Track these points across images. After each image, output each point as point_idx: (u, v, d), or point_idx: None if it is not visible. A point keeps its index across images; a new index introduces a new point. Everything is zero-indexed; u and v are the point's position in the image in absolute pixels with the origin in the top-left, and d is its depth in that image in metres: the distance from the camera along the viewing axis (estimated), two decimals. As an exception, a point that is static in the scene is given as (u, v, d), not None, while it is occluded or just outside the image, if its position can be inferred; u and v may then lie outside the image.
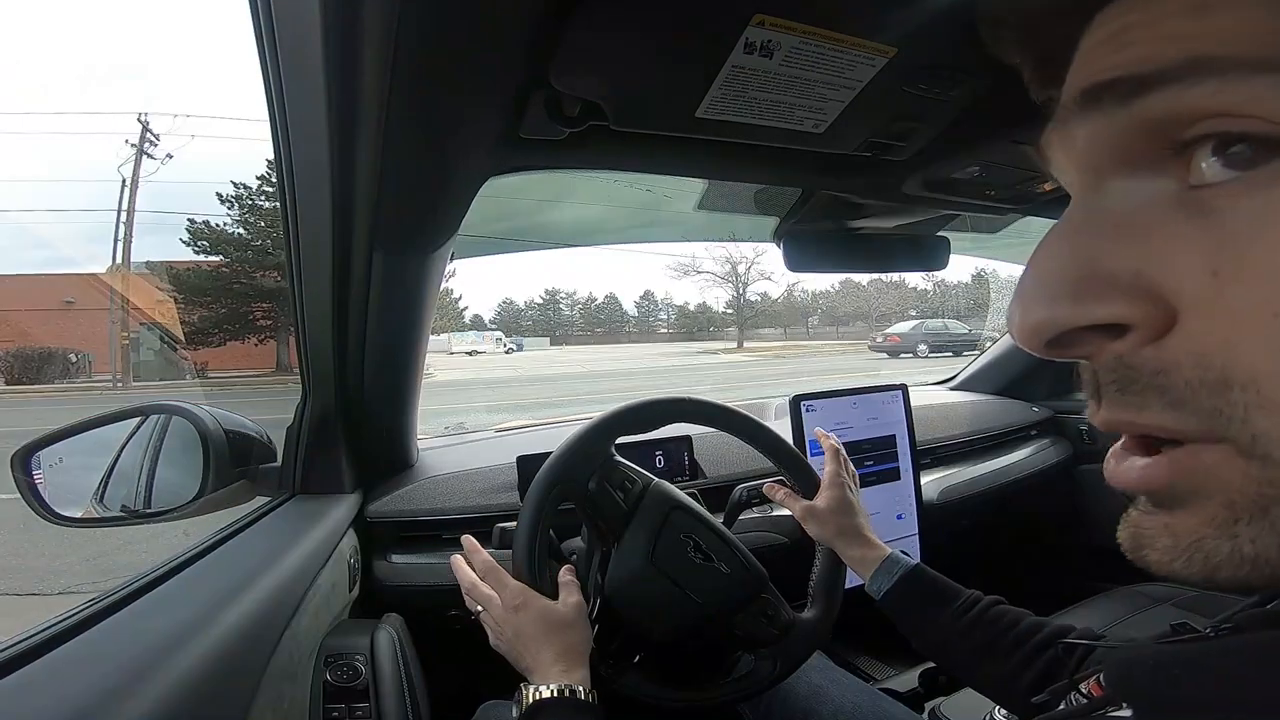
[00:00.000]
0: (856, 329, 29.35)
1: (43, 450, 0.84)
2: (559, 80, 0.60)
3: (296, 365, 0.98)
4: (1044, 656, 0.71)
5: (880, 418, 1.37)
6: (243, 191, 19.75)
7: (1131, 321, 0.25)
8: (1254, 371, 0.22)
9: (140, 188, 18.83)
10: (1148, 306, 0.25)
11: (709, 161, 0.84)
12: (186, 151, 24.58)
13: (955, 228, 1.19)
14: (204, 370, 19.35)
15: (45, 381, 16.46)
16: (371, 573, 1.08)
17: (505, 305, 36.61)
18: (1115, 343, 0.26)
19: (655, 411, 0.91)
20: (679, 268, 25.62)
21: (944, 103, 0.69)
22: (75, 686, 0.43)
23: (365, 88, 0.55)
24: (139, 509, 0.92)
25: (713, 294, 36.98)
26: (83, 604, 0.56)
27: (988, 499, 1.49)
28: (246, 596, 0.64)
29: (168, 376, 17.44)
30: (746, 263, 25.81)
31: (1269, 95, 0.21)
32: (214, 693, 0.51)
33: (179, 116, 35.68)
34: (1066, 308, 0.26)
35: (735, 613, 0.85)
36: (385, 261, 0.83)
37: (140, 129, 19.30)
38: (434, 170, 0.70)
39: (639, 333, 33.36)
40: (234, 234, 19.70)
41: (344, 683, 0.78)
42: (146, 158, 19.24)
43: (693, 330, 32.76)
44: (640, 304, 35.08)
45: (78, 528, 0.89)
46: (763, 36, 0.56)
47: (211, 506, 0.91)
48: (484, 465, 1.21)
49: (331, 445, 1.04)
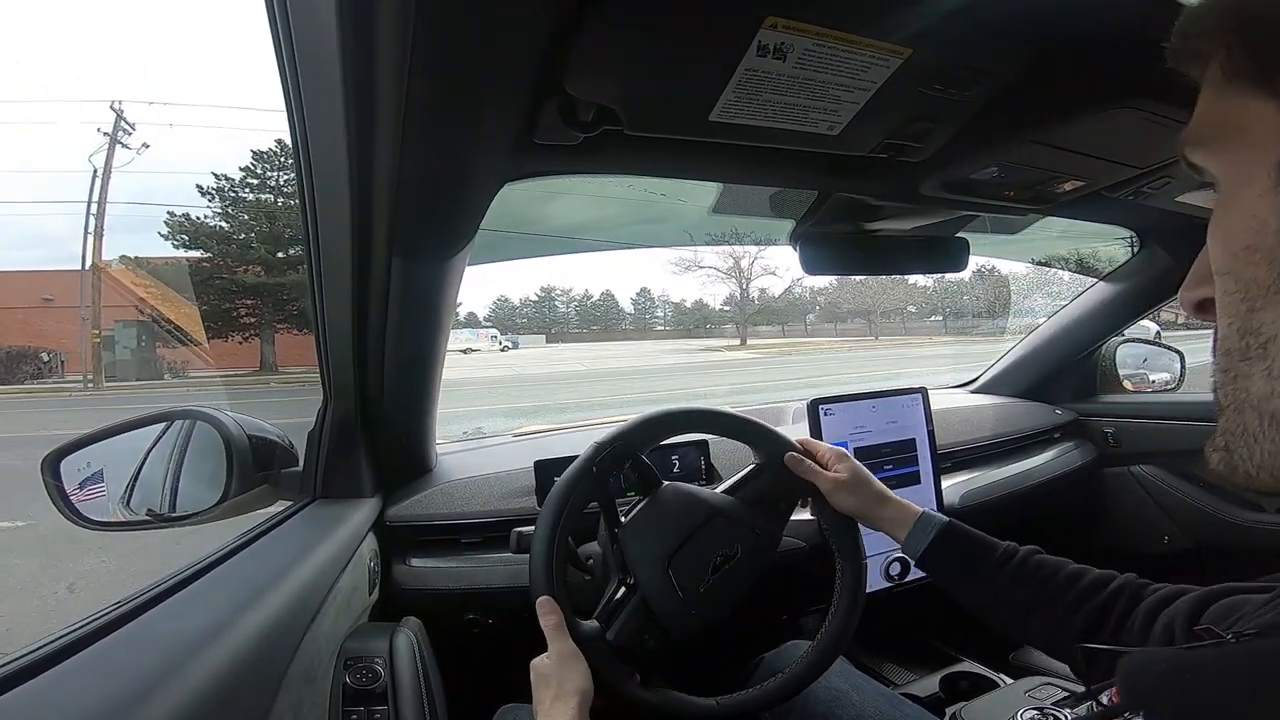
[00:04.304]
0: (855, 326, 28.94)
1: (71, 455, 0.86)
2: (573, 86, 0.61)
3: (281, 364, 0.98)
4: (1090, 603, 0.70)
5: (900, 421, 1.35)
6: (224, 183, 18.98)
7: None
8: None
9: (117, 179, 17.71)
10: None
11: (723, 165, 0.84)
12: (166, 141, 23.97)
13: (974, 229, 1.18)
14: (184, 369, 17.78)
15: (15, 382, 15.75)
16: (391, 576, 1.09)
17: (500, 303, 36.32)
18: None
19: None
20: (680, 263, 25.30)
21: (960, 103, 0.69)
22: (99, 690, 0.43)
23: (382, 96, 0.55)
24: (164, 513, 0.94)
25: (710, 291, 36.68)
26: (107, 607, 0.57)
27: (1010, 503, 1.46)
28: (268, 600, 0.65)
29: (145, 376, 16.72)
30: (750, 257, 25.48)
31: None
32: (235, 697, 0.52)
33: (156, 104, 33.90)
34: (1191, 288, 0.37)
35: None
36: (404, 267, 0.83)
37: (115, 117, 18.02)
38: (450, 177, 0.71)
39: (636, 330, 33.07)
40: (215, 227, 18.93)
41: (363, 685, 0.79)
42: (121, 147, 18.10)
43: (690, 327, 32.49)
44: (637, 301, 34.84)
45: (104, 531, 0.90)
46: (775, 39, 0.56)
47: (234, 510, 0.92)
48: (502, 470, 1.22)
49: (352, 450, 1.05)
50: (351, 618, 0.89)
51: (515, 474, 1.20)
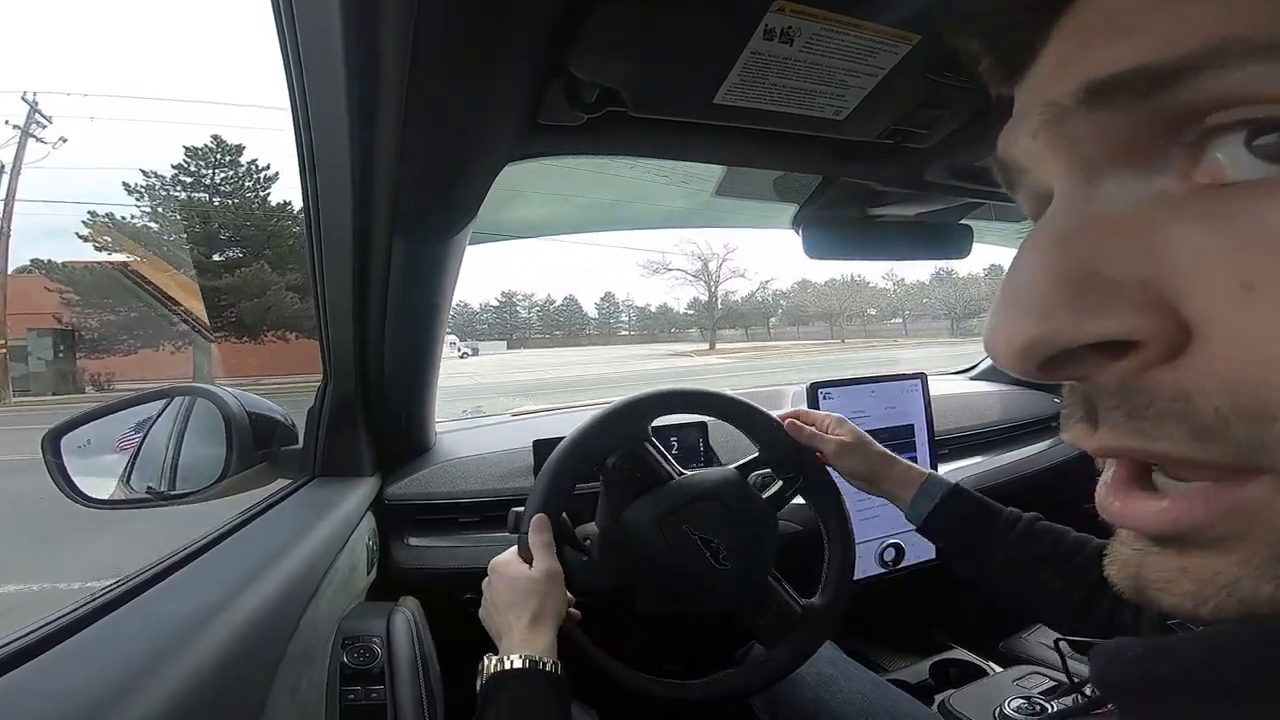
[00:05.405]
0: (817, 329, 28.93)
1: (71, 433, 0.86)
2: (577, 66, 0.60)
3: (219, 375, 0.97)
4: (1093, 574, 0.70)
5: (898, 406, 1.36)
6: (155, 181, 17.98)
7: (1140, 338, 0.22)
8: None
9: (31, 175, 16.53)
10: (1159, 321, 0.21)
11: (727, 148, 0.83)
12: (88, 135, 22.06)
13: (979, 215, 1.17)
14: (109, 382, 16.65)
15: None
16: (389, 555, 1.10)
17: (460, 308, 35.53)
18: (1118, 362, 0.23)
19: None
20: (648, 265, 25.01)
21: (969, 90, 0.68)
22: (97, 672, 0.44)
23: (385, 73, 0.55)
24: (164, 491, 0.94)
25: (675, 294, 36.24)
26: (105, 588, 0.58)
27: (1007, 491, 1.47)
28: (267, 580, 0.65)
29: (62, 390, 15.50)
30: (718, 259, 25.21)
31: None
32: (234, 676, 0.52)
33: (76, 95, 30.93)
34: (1063, 322, 0.22)
35: (732, 607, 0.86)
36: (405, 247, 0.83)
37: (28, 109, 16.91)
38: (452, 156, 0.70)
39: (599, 335, 32.72)
40: (143, 229, 17.75)
41: (360, 665, 0.80)
42: (35, 141, 16.85)
43: (654, 332, 32.22)
44: (601, 306, 34.41)
45: (104, 509, 0.91)
46: (782, 23, 0.55)
47: (234, 489, 0.92)
48: (500, 449, 1.22)
49: (351, 428, 1.05)
50: (349, 597, 0.89)
51: (514, 453, 1.21)
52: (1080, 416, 0.25)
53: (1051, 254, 0.23)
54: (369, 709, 0.77)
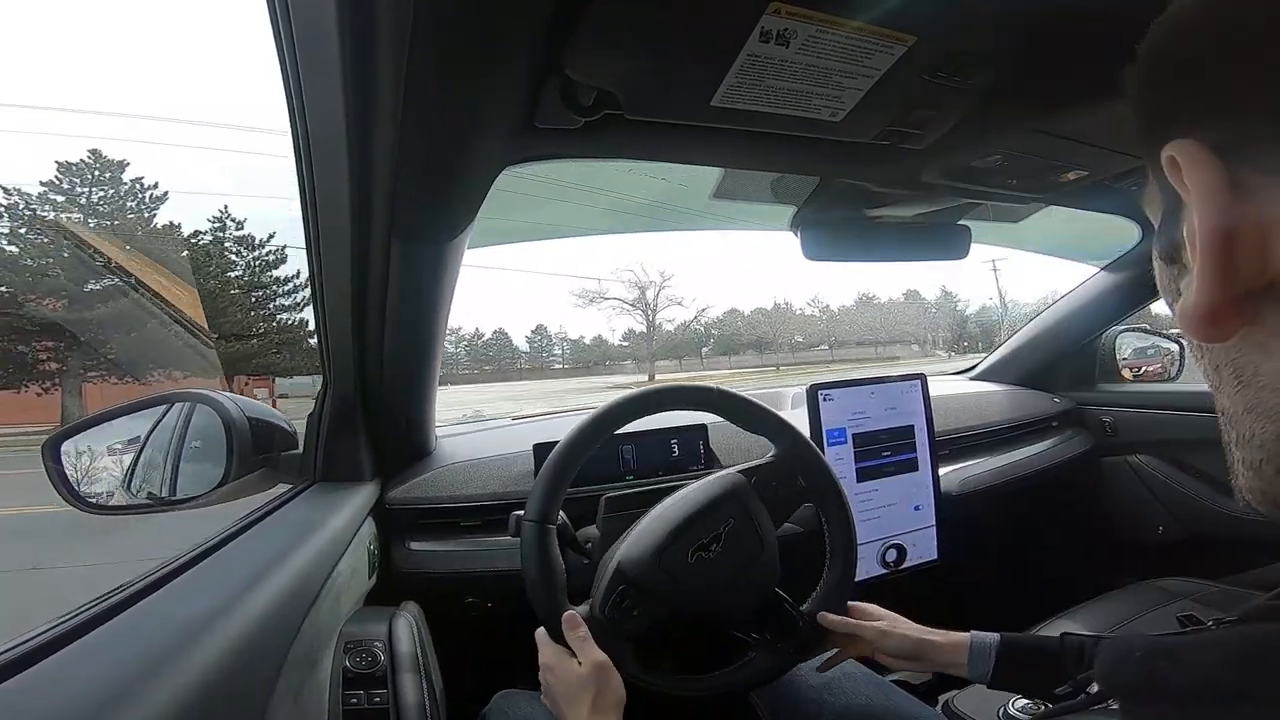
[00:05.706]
0: (748, 358, 28.95)
1: (71, 439, 0.86)
2: (574, 69, 0.60)
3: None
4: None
5: (898, 407, 1.36)
6: (16, 199, 14.79)
7: None
8: None
9: None
10: None
11: (724, 150, 0.83)
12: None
13: (977, 216, 1.18)
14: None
15: None
16: (390, 560, 1.09)
17: None
18: None
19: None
20: (584, 294, 24.63)
21: (964, 91, 0.68)
22: (102, 675, 0.44)
23: (381, 76, 0.55)
24: (165, 496, 0.94)
25: (611, 325, 35.81)
26: (110, 591, 0.58)
27: (1008, 491, 1.47)
28: (268, 584, 0.65)
29: None
30: (655, 287, 24.90)
31: None
32: (236, 681, 0.52)
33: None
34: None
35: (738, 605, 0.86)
36: (404, 251, 0.83)
37: None
38: (450, 159, 0.70)
39: (531, 369, 32.15)
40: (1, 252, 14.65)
41: (362, 669, 0.79)
42: None
43: (589, 364, 31.89)
44: (532, 339, 33.86)
45: (104, 515, 0.91)
46: (779, 25, 0.55)
47: (234, 494, 0.92)
48: (500, 453, 1.22)
49: (351, 433, 1.05)
50: (351, 601, 0.89)
51: (515, 457, 1.21)
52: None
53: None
54: (371, 713, 0.77)
